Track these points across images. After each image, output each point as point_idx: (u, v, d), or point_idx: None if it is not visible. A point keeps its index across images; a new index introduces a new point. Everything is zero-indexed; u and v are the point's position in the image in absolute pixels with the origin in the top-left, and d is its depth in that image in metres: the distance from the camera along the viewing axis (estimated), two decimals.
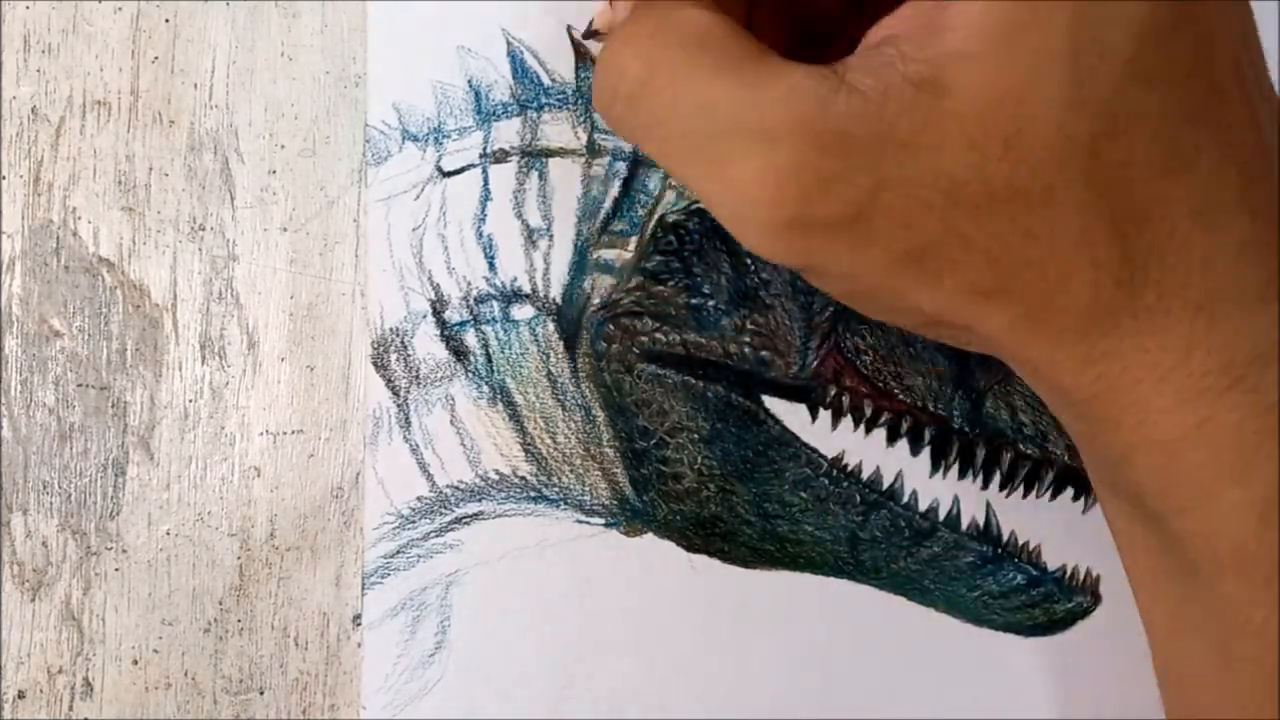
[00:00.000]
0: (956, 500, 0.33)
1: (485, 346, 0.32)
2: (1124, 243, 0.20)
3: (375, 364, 0.32)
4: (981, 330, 0.21)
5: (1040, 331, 0.21)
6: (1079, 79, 0.19)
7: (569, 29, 0.32)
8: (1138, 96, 0.20)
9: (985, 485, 0.33)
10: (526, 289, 0.32)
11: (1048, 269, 0.20)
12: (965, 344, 0.23)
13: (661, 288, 0.32)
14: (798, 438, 0.32)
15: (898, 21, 0.21)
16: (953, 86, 0.20)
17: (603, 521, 0.32)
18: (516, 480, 0.32)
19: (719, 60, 0.21)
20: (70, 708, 0.32)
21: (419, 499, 0.32)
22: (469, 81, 0.32)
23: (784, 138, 0.20)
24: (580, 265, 0.32)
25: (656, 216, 0.32)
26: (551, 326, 0.32)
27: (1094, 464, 0.24)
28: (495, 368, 0.32)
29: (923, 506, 0.33)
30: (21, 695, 0.31)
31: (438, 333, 0.32)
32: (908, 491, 0.33)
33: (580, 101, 0.32)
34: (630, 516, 0.32)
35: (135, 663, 0.32)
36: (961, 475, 0.33)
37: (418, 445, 0.32)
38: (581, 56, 0.32)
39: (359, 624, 0.32)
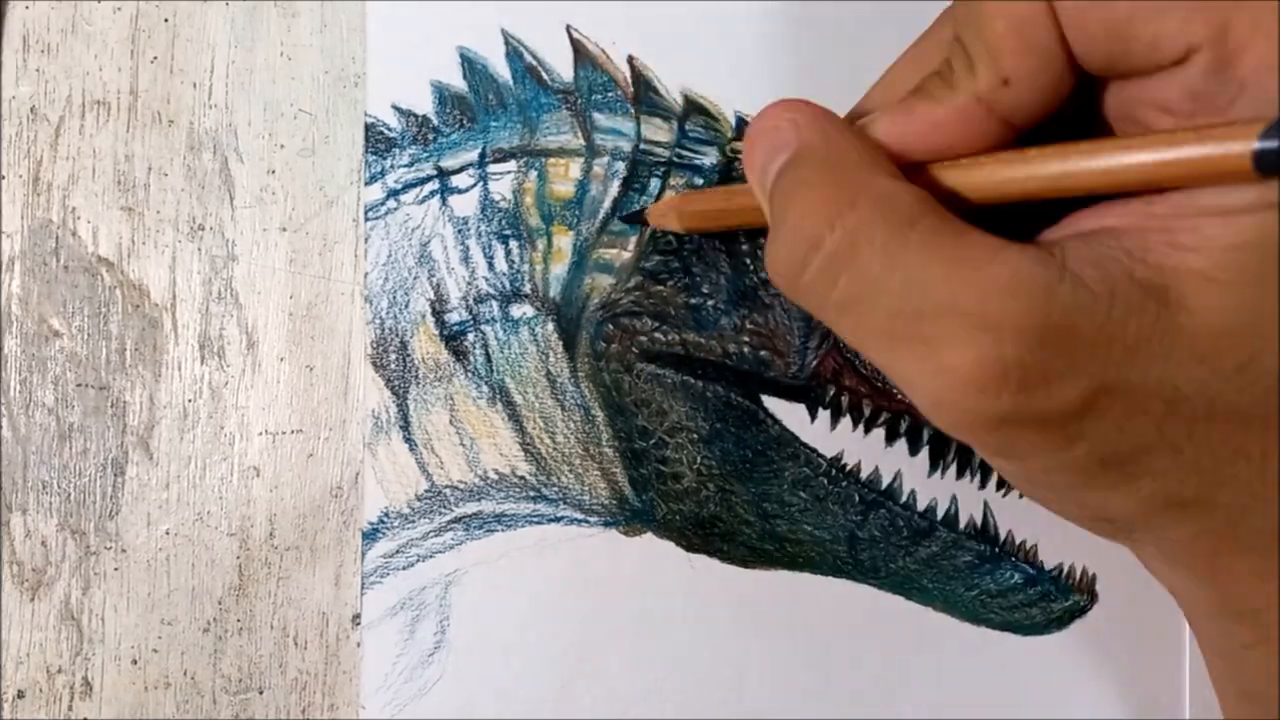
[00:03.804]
0: (954, 500, 0.33)
1: (485, 346, 0.32)
2: None
3: (375, 364, 0.32)
4: (1162, 537, 0.21)
5: (1225, 545, 0.21)
6: None
7: (569, 29, 0.32)
8: None
9: (983, 485, 0.33)
10: (526, 289, 0.32)
11: (1253, 487, 0.20)
12: (1122, 540, 0.23)
13: (661, 287, 0.32)
14: (797, 438, 0.32)
15: (1119, 215, 0.20)
16: (1189, 304, 0.19)
17: (602, 521, 0.32)
18: (516, 480, 0.32)
19: (929, 236, 0.20)
20: (70, 707, 0.32)
21: (418, 499, 0.32)
22: (469, 82, 0.32)
23: (1007, 327, 0.19)
24: (579, 265, 0.32)
25: None
26: (551, 326, 0.32)
27: (1243, 673, 0.23)
28: (495, 367, 0.32)
29: (921, 506, 0.33)
30: (21, 695, 0.31)
31: (437, 332, 0.32)
32: (906, 491, 0.33)
33: (579, 101, 0.33)
34: (629, 516, 0.32)
35: (135, 662, 0.32)
36: (959, 475, 0.33)
37: (417, 445, 0.32)
38: (581, 56, 0.33)
39: (358, 624, 0.32)
